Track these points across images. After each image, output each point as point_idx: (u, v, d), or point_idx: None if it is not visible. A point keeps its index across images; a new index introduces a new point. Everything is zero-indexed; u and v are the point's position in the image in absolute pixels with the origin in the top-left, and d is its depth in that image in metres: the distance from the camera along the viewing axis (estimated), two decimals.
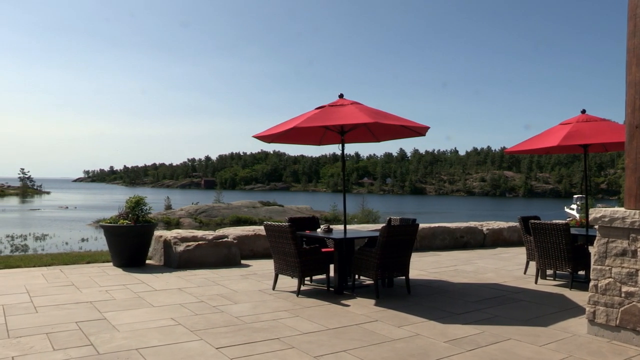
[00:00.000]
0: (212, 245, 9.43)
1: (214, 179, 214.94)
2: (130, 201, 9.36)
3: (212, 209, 41.62)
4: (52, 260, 9.60)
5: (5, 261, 9.54)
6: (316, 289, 7.54)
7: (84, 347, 4.74)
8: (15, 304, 6.38)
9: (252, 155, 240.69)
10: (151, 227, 9.45)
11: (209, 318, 5.78)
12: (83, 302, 6.51)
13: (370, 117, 6.81)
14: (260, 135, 7.84)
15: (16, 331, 5.24)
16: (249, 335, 5.12)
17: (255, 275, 8.43)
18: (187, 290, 7.21)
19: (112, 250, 9.23)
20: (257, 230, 10.57)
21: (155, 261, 9.70)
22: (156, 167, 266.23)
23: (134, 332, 5.20)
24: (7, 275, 8.28)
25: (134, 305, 6.38)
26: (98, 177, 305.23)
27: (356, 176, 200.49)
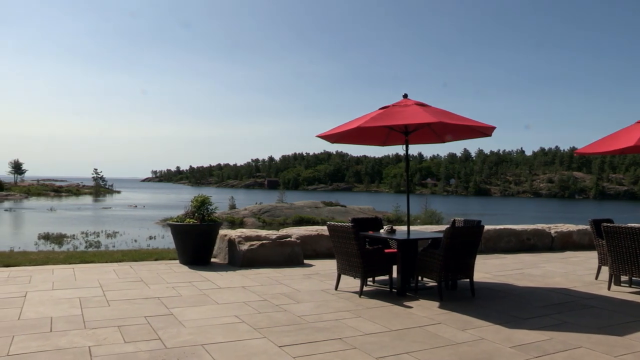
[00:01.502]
0: (275, 244, 9.53)
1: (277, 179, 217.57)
2: (196, 200, 9.58)
3: (275, 208, 42.11)
4: (122, 257, 9.97)
5: (81, 256, 10.00)
6: (379, 289, 7.50)
7: (152, 341, 4.88)
8: (90, 297, 6.67)
9: (315, 156, 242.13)
10: (216, 226, 9.64)
11: (272, 316, 5.84)
12: (151, 297, 6.72)
13: (434, 117, 6.72)
14: (324, 135, 7.87)
15: (91, 322, 5.48)
16: (312, 335, 5.14)
17: (318, 275, 8.46)
18: (250, 289, 7.32)
19: (179, 248, 9.48)
20: (320, 230, 10.61)
21: (220, 259, 9.89)
22: (221, 167, 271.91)
23: (199, 328, 5.32)
24: (83, 269, 8.65)
25: (199, 302, 6.53)
26: (165, 177, 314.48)
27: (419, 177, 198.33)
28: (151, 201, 77.96)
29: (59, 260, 9.48)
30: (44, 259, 9.56)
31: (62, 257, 9.85)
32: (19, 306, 6.16)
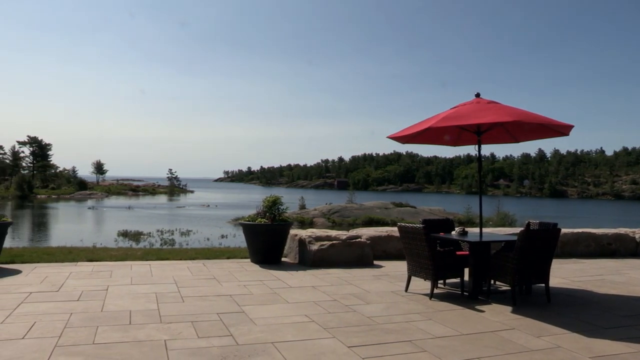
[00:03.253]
0: (345, 245, 9.55)
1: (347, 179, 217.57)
2: (267, 200, 9.73)
3: (344, 209, 42.19)
4: (196, 255, 10.26)
5: (157, 253, 10.38)
6: (449, 292, 7.37)
7: (225, 337, 5.00)
8: (165, 292, 6.91)
9: (385, 157, 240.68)
10: (287, 226, 9.76)
11: (341, 317, 5.86)
12: (223, 295, 6.88)
13: (508, 116, 6.54)
14: (395, 136, 7.82)
15: (167, 317, 5.68)
16: (381, 336, 5.12)
17: (388, 277, 8.42)
18: (320, 289, 7.37)
19: (250, 247, 9.66)
20: (390, 231, 10.55)
21: (290, 259, 10.01)
22: (291, 167, 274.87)
23: (269, 327, 5.41)
24: (159, 266, 8.98)
25: (269, 300, 6.63)
26: (237, 177, 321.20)
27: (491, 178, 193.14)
28: (223, 201, 79.80)
29: (136, 257, 9.87)
30: (123, 255, 9.99)
31: (140, 254, 10.25)
32: (101, 299, 6.47)
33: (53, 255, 9.71)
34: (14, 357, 4.38)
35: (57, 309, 5.94)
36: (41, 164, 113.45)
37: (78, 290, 6.97)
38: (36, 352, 4.48)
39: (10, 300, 6.35)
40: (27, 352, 4.48)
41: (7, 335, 4.98)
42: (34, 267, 8.69)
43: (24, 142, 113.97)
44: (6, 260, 8.97)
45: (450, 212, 43.53)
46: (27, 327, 5.24)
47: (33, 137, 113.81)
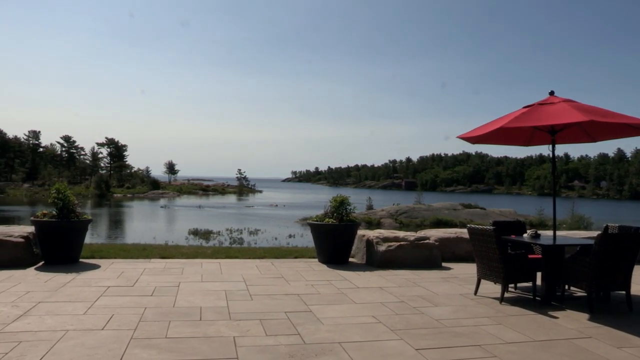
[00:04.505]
0: (413, 246, 9.45)
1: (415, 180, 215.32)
2: (335, 201, 9.75)
3: (412, 210, 41.80)
4: (264, 254, 10.42)
5: (226, 252, 10.62)
6: (521, 296, 7.16)
7: (292, 336, 5.06)
8: (234, 290, 7.06)
9: (454, 157, 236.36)
10: (355, 226, 9.76)
11: (409, 319, 5.80)
12: (291, 294, 6.95)
13: (585, 115, 6.28)
14: (464, 136, 7.68)
15: (236, 315, 5.80)
16: (449, 340, 5.04)
17: (457, 279, 8.26)
18: (387, 290, 7.32)
19: (318, 247, 9.71)
20: (459, 233, 10.36)
21: (358, 259, 9.99)
22: (358, 168, 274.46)
23: (336, 327, 5.42)
24: (228, 264, 9.17)
25: (337, 300, 6.64)
26: (304, 178, 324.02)
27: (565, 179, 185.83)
28: (291, 201, 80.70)
29: (207, 255, 10.13)
30: (194, 253, 10.27)
31: (210, 252, 10.51)
32: (173, 295, 6.68)
33: (128, 252, 10.12)
34: (96, 346, 4.62)
35: (132, 303, 6.19)
36: (117, 164, 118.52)
37: (152, 286, 7.23)
38: (114, 343, 4.69)
39: (91, 293, 6.67)
40: (106, 343, 4.70)
41: (90, 325, 5.24)
42: (111, 262, 9.07)
43: (102, 143, 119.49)
44: (87, 255, 9.42)
45: (521, 214, 42.27)
46: (106, 319, 5.48)
47: (110, 138, 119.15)
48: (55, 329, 5.10)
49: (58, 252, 8.79)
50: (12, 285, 7.05)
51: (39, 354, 4.40)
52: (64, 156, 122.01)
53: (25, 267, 8.41)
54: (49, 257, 8.80)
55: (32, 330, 5.06)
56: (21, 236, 8.76)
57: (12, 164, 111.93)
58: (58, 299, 6.33)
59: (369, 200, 48.22)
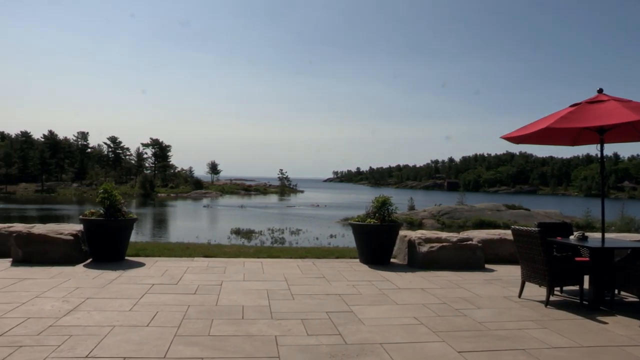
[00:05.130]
0: (455, 247, 9.34)
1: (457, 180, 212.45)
2: (377, 201, 9.71)
3: (454, 210, 41.33)
4: (305, 253, 10.46)
5: (268, 251, 10.70)
6: (567, 300, 6.99)
7: (333, 336, 5.06)
8: (276, 289, 7.11)
9: (497, 157, 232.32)
10: (396, 227, 9.70)
11: (451, 320, 5.73)
12: (332, 294, 6.96)
13: (637, 114, 6.09)
14: (508, 136, 7.54)
15: (277, 314, 5.84)
16: (493, 343, 4.96)
17: (500, 281, 8.12)
18: (429, 291, 7.25)
19: (359, 247, 9.69)
20: (502, 234, 10.18)
21: (399, 260, 9.93)
22: (400, 168, 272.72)
23: (378, 327, 5.40)
24: (270, 264, 9.24)
25: (378, 301, 6.62)
26: (346, 178, 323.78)
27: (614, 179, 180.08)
28: (332, 201, 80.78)
29: (248, 254, 10.22)
30: (236, 252, 10.38)
31: (252, 251, 10.61)
32: (216, 293, 6.77)
33: (172, 251, 10.30)
34: (141, 342, 4.73)
35: (176, 301, 6.30)
36: (162, 164, 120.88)
37: (195, 284, 7.34)
38: (159, 340, 4.78)
39: (136, 290, 6.83)
40: (151, 339, 4.80)
41: (135, 322, 5.36)
42: (156, 260, 9.26)
43: (147, 144, 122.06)
44: (132, 253, 9.64)
45: (567, 215, 41.31)
46: (151, 316, 5.60)
47: (155, 139, 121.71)
48: (102, 324, 5.24)
49: (105, 249, 9.03)
50: (63, 281, 7.28)
51: (88, 348, 4.53)
52: (111, 157, 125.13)
53: (75, 264, 8.66)
54: (97, 255, 9.04)
55: (82, 325, 5.21)
56: (71, 234, 9.02)
57: (62, 164, 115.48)
58: (105, 296, 6.50)
59: (411, 200, 47.90)
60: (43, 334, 4.91)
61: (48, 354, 4.38)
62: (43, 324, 5.25)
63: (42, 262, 8.62)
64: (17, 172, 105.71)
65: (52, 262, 8.64)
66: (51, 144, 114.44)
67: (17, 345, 4.59)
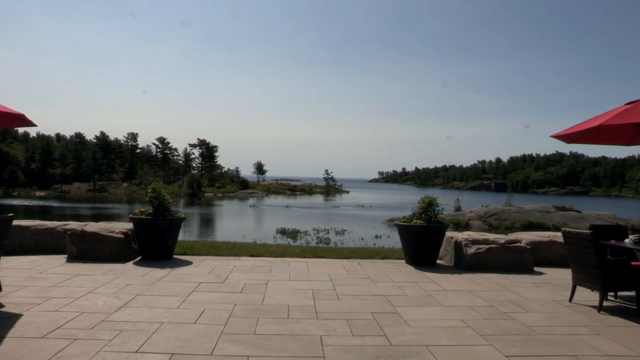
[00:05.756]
0: (503, 249, 9.15)
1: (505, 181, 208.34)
2: (423, 201, 9.62)
3: (502, 212, 40.54)
4: (350, 254, 10.44)
5: (313, 251, 10.73)
6: (622, 306, 6.75)
7: (378, 337, 5.03)
8: (321, 289, 7.12)
9: (546, 157, 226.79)
10: (443, 228, 9.58)
11: (498, 324, 5.62)
12: (377, 294, 6.92)
13: None
14: (559, 135, 7.35)
15: (322, 314, 5.85)
16: (542, 348, 4.83)
17: (550, 285, 7.92)
18: (476, 293, 7.13)
19: (405, 248, 9.61)
20: (552, 237, 9.92)
21: (445, 262, 9.81)
22: (446, 168, 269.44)
23: (423, 329, 5.34)
24: (315, 264, 9.27)
25: (424, 302, 6.55)
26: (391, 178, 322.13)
27: None
28: (377, 201, 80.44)
29: (294, 254, 10.28)
30: (281, 252, 10.45)
31: (297, 251, 10.66)
32: (262, 292, 6.83)
33: (219, 250, 10.45)
34: (188, 339, 4.82)
35: (222, 299, 6.38)
36: (208, 164, 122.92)
37: (241, 283, 7.43)
38: (205, 337, 4.86)
39: (184, 288, 6.95)
40: (198, 336, 4.88)
41: (182, 319, 5.46)
42: (203, 259, 9.40)
43: (194, 144, 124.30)
44: (180, 252, 9.82)
45: (621, 218, 39.94)
46: (198, 313, 5.69)
47: (202, 139, 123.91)
48: (151, 321, 5.36)
49: (154, 248, 9.22)
50: (114, 278, 7.48)
51: (138, 343, 4.64)
52: (159, 157, 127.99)
53: (125, 262, 8.88)
54: (146, 253, 9.24)
55: (132, 321, 5.34)
56: (121, 232, 9.26)
57: (113, 165, 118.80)
58: (154, 293, 6.64)
59: (457, 201, 47.16)
60: (96, 328, 5.07)
61: (100, 347, 4.52)
62: (96, 318, 5.41)
63: (95, 259, 8.89)
64: (71, 172, 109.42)
65: (104, 259, 8.89)
66: (103, 144, 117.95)
67: (72, 338, 4.77)
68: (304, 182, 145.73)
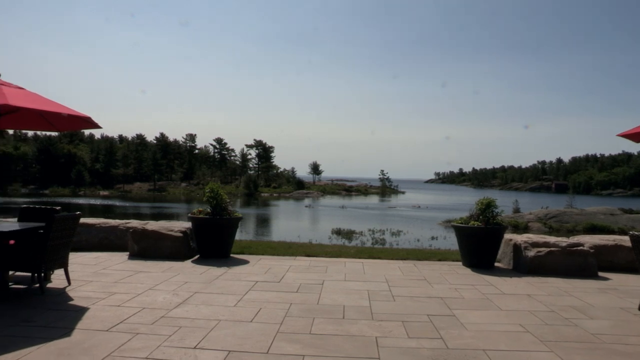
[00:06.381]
0: (565, 252, 8.87)
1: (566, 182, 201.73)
2: (481, 203, 9.43)
3: (563, 214, 39.30)
4: (406, 255, 10.34)
5: (369, 252, 10.69)
6: None
7: (435, 340, 4.97)
8: (377, 290, 7.08)
9: (611, 157, 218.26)
10: (501, 230, 9.36)
11: (560, 330, 5.44)
12: (434, 297, 6.83)
13: None
14: (626, 133, 7.06)
15: (378, 315, 5.82)
16: (608, 357, 4.64)
17: (616, 291, 7.61)
18: (536, 298, 6.93)
19: (462, 250, 9.46)
20: (618, 240, 9.54)
21: (504, 264, 9.59)
22: (504, 169, 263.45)
23: (481, 333, 5.24)
24: (371, 264, 9.23)
25: (481, 306, 6.42)
26: (447, 179, 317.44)
27: None
28: (433, 202, 79.43)
29: (349, 254, 10.26)
30: (337, 252, 10.46)
31: (353, 252, 10.64)
32: (317, 292, 6.85)
33: (275, 249, 10.55)
34: (245, 337, 4.90)
35: (278, 299, 6.44)
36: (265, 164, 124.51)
37: (297, 282, 7.47)
38: (262, 336, 4.92)
39: (241, 286, 7.06)
40: (254, 335, 4.94)
41: (239, 317, 5.55)
42: (259, 258, 9.52)
43: (251, 145, 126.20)
44: (237, 251, 9.97)
45: None
46: (254, 312, 5.77)
47: (258, 140, 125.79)
48: (209, 318, 5.47)
49: (211, 246, 9.40)
50: (173, 276, 7.67)
51: (196, 339, 4.74)
52: (216, 157, 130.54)
53: (183, 260, 9.09)
54: (204, 251, 9.43)
55: (190, 318, 5.47)
56: (180, 231, 9.48)
57: (172, 165, 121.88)
58: (212, 291, 6.77)
59: (516, 203, 45.98)
60: (156, 324, 5.21)
61: (161, 342, 4.64)
62: (156, 314, 5.56)
63: (154, 257, 9.14)
64: (132, 172, 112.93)
65: (163, 257, 9.13)
66: (162, 145, 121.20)
67: (134, 332, 4.93)
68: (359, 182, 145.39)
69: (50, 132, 8.29)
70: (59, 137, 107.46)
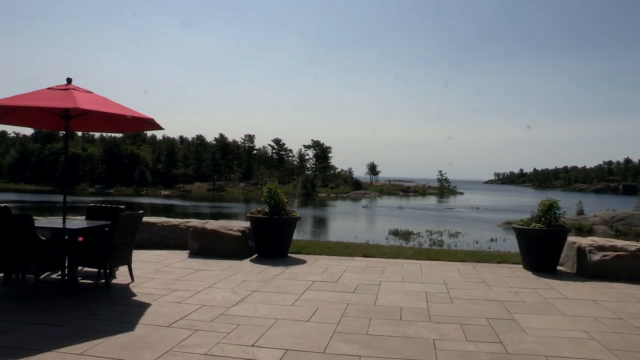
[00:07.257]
0: (634, 257, 8.49)
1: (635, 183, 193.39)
2: (543, 204, 9.17)
3: (632, 216, 37.70)
4: (465, 257, 10.18)
5: (426, 253, 10.57)
6: None
7: (494, 344, 4.87)
8: (434, 292, 7.00)
9: None
10: (564, 232, 9.08)
11: (629, 339, 5.21)
12: (493, 300, 6.69)
13: None
14: None
15: (435, 317, 5.75)
16: None
17: None
18: (602, 304, 6.68)
19: (523, 253, 9.22)
20: None
21: (567, 268, 9.29)
22: (567, 170, 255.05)
23: (542, 338, 5.10)
24: (428, 266, 9.13)
25: (543, 310, 6.24)
26: (507, 180, 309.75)
27: None
28: (493, 203, 77.73)
29: (407, 255, 10.18)
30: (394, 253, 10.39)
31: (410, 253, 10.54)
32: (374, 293, 6.84)
33: (332, 249, 10.58)
34: (302, 336, 4.94)
35: (335, 299, 6.46)
36: (322, 165, 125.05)
37: (354, 283, 7.47)
38: (318, 335, 4.95)
39: (298, 286, 7.12)
40: (311, 334, 4.98)
41: (297, 316, 5.60)
42: (316, 258, 9.57)
43: (308, 145, 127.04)
44: (294, 250, 10.06)
45: None
46: (311, 311, 5.80)
47: (316, 140, 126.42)
48: (267, 317, 5.54)
49: (269, 246, 9.52)
50: (232, 274, 7.81)
51: (253, 337, 4.82)
52: (274, 158, 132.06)
53: (242, 259, 9.24)
54: (262, 250, 9.56)
55: (248, 316, 5.56)
56: (239, 230, 9.64)
57: (231, 165, 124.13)
58: (269, 290, 6.86)
59: (580, 204, 44.44)
60: (215, 321, 5.33)
61: (219, 339, 4.74)
62: (215, 312, 5.68)
63: (214, 255, 9.33)
64: (192, 172, 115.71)
65: (222, 256, 9.31)
66: (221, 146, 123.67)
67: (194, 328, 5.06)
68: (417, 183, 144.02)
69: (115, 133, 8.59)
70: (123, 138, 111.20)
